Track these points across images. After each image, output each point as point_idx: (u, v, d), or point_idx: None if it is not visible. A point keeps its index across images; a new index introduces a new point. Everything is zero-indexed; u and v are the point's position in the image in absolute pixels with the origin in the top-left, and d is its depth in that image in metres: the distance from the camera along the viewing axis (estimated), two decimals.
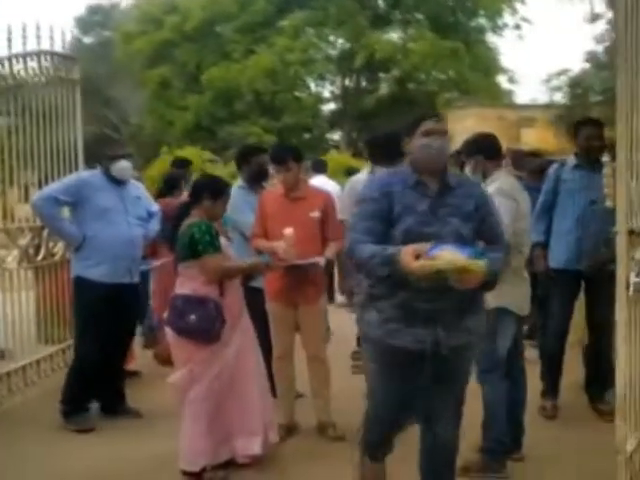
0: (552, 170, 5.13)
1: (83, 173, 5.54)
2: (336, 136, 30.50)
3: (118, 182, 5.00)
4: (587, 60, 20.12)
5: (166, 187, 6.79)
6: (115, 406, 5.16)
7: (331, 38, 27.67)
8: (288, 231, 4.23)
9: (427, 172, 3.08)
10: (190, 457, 3.94)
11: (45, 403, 5.00)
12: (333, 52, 28.14)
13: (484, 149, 4.14)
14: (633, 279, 3.18)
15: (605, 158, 4.48)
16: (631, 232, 3.18)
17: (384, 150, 4.45)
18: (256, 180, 5.13)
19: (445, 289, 2.85)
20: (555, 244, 4.99)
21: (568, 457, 4.23)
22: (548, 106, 19.75)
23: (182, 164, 7.76)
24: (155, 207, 5.42)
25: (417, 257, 2.75)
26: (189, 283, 3.96)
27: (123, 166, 4.97)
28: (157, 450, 4.43)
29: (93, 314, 4.89)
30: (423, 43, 24.46)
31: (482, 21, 27.84)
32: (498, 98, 26.19)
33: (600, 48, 20.37)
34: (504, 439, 3.99)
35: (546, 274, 5.00)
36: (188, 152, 18.07)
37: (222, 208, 4.15)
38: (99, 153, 5.12)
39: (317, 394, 4.66)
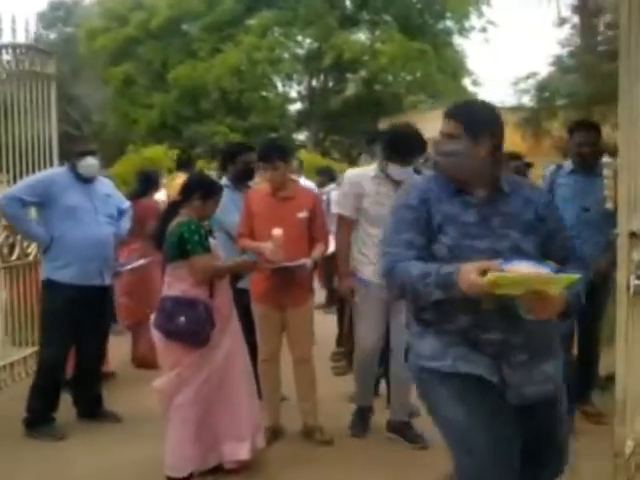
0: (548, 173, 4.99)
1: (49, 171, 5.36)
2: (302, 136, 30.47)
3: (85, 180, 4.80)
4: (552, 64, 20.36)
5: (141, 187, 6.63)
6: (93, 410, 5.01)
7: (299, 38, 27.61)
8: (277, 232, 4.13)
9: (457, 180, 2.59)
10: (177, 463, 3.83)
11: (19, 407, 4.81)
12: (300, 52, 28.10)
13: None
14: (634, 281, 3.16)
15: (606, 159, 4.44)
16: (632, 234, 3.16)
17: (402, 147, 4.25)
18: (242, 179, 5.02)
19: (514, 318, 2.36)
20: None
21: None
22: (515, 109, 19.89)
23: (188, 164, 7.54)
24: (126, 204, 5.23)
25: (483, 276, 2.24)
26: (178, 284, 3.85)
27: (90, 163, 4.77)
28: (138, 455, 4.32)
29: (61, 319, 4.68)
30: (392, 44, 24.53)
31: (449, 23, 28.07)
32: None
33: (565, 52, 20.67)
34: None
35: None
36: (155, 151, 17.88)
37: (212, 209, 4.05)
38: (66, 150, 4.95)
39: (303, 397, 4.57)
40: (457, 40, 28.43)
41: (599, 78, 17.02)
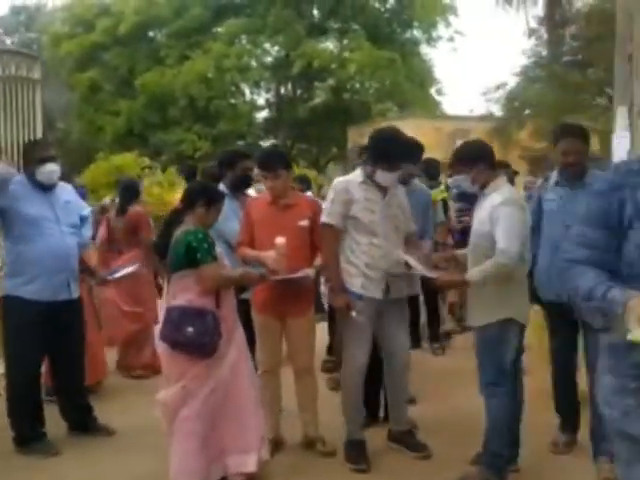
0: (537, 187, 4.57)
1: None
2: (268, 144, 30.40)
3: (44, 188, 4.53)
4: (518, 74, 20.68)
5: (126, 196, 6.52)
6: (85, 424, 4.85)
7: (266, 46, 27.59)
8: (280, 240, 4.06)
9: None
10: (182, 477, 3.73)
11: (6, 421, 4.67)
12: (268, 60, 28.09)
13: (485, 157, 3.99)
14: None
15: None
16: None
17: (390, 151, 4.13)
18: (240, 186, 4.95)
19: None
20: (538, 274, 4.30)
21: (564, 468, 4.20)
22: (483, 118, 20.18)
23: (193, 172, 7.52)
24: (87, 210, 4.95)
25: None
26: (183, 294, 3.75)
27: (51, 169, 4.48)
28: (137, 470, 4.22)
29: (27, 338, 4.45)
30: (361, 52, 24.63)
31: (417, 33, 28.30)
32: (432, 109, 26.65)
33: (529, 62, 20.99)
34: (504, 453, 3.95)
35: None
36: (124, 158, 17.67)
37: (215, 216, 3.97)
38: (24, 156, 4.66)
39: (305, 408, 4.51)
40: (425, 49, 28.77)
41: (571, 88, 17.41)
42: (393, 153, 4.17)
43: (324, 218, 4.28)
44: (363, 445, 4.37)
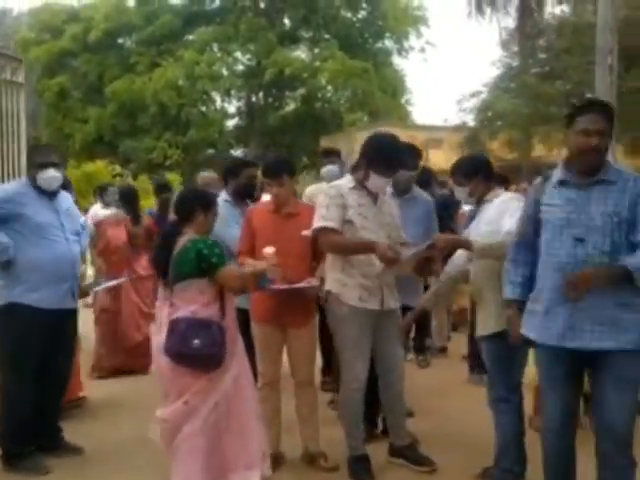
0: (531, 189, 3.54)
1: (7, 185, 4.97)
2: (238, 152, 30.24)
3: (47, 194, 4.42)
4: (488, 85, 20.78)
5: (133, 201, 6.73)
6: (53, 443, 4.59)
7: (238, 54, 27.47)
8: (268, 250, 3.88)
9: None
10: None
11: None
12: (240, 68, 27.97)
13: (484, 169, 4.00)
14: None
15: None
16: None
17: (386, 156, 4.03)
18: (243, 194, 4.84)
19: None
20: (532, 304, 3.35)
21: None
22: (456, 128, 20.24)
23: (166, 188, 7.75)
24: (82, 219, 4.91)
25: None
26: (186, 306, 3.58)
27: (52, 175, 4.37)
28: None
29: (28, 349, 4.30)
30: (333, 62, 24.63)
31: (388, 43, 28.42)
32: (404, 119, 26.77)
33: (498, 73, 21.14)
34: (516, 469, 3.88)
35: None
36: (96, 166, 17.47)
37: (213, 220, 3.84)
38: (26, 161, 4.56)
39: (305, 422, 4.38)
40: (397, 60, 28.90)
41: (542, 99, 17.55)
42: (390, 157, 4.07)
43: (322, 223, 4.06)
44: (367, 460, 4.24)
